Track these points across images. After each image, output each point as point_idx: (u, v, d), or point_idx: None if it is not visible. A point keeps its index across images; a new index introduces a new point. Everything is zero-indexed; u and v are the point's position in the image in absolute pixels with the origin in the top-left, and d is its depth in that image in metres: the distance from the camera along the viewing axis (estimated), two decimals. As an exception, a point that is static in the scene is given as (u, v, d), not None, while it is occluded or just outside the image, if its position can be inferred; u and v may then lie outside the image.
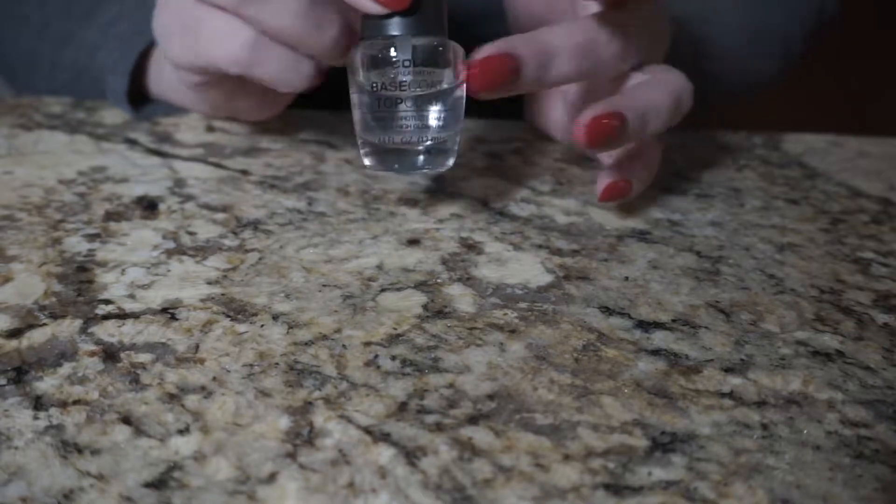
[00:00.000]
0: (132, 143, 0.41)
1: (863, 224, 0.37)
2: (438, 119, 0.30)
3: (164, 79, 0.42)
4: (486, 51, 0.29)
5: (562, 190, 0.38)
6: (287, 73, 0.32)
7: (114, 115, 0.44)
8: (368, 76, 0.29)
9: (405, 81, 0.29)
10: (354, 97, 0.30)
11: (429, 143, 0.30)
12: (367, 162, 0.31)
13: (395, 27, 0.29)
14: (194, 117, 0.44)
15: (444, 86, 0.29)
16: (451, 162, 0.31)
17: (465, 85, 0.30)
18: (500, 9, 0.41)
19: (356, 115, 0.30)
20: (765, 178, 0.41)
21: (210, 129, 0.43)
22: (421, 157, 0.30)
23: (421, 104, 0.29)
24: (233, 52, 0.31)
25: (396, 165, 0.31)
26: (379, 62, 0.29)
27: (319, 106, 0.44)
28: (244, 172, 0.38)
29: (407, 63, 0.29)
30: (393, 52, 0.29)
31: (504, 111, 0.47)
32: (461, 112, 0.30)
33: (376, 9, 0.28)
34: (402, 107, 0.29)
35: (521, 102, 0.45)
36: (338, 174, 0.39)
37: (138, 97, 0.44)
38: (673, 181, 0.40)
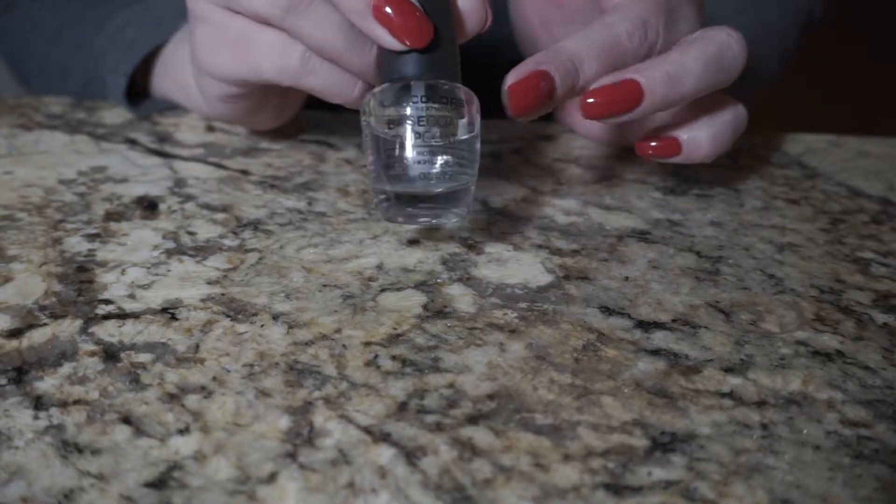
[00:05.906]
0: (132, 143, 0.41)
1: (862, 224, 0.37)
2: (451, 166, 0.28)
3: (170, 80, 0.43)
4: (515, 74, 0.29)
5: (562, 190, 0.38)
6: (340, 84, 0.32)
7: (114, 115, 0.44)
8: (381, 119, 0.28)
9: (419, 125, 0.28)
10: (367, 141, 0.29)
11: (440, 190, 0.29)
12: (380, 212, 0.30)
13: (410, 69, 0.28)
14: (194, 117, 0.44)
15: (460, 135, 0.28)
16: (464, 213, 0.30)
17: (479, 134, 0.29)
18: (510, 40, 0.41)
19: (369, 161, 0.29)
20: (765, 178, 0.41)
21: (210, 129, 0.43)
22: (432, 207, 0.29)
23: (434, 151, 0.28)
24: (287, 63, 0.32)
25: (401, 219, 0.29)
26: (392, 104, 0.28)
27: (319, 106, 0.45)
28: (244, 172, 0.38)
29: (421, 106, 0.28)
30: (408, 94, 0.28)
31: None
32: (475, 161, 0.29)
33: (395, 44, 0.28)
34: (415, 153, 0.28)
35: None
36: (338, 174, 0.39)
37: (138, 97, 0.44)
38: (673, 181, 0.40)
